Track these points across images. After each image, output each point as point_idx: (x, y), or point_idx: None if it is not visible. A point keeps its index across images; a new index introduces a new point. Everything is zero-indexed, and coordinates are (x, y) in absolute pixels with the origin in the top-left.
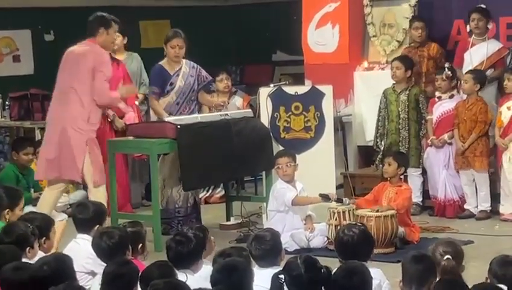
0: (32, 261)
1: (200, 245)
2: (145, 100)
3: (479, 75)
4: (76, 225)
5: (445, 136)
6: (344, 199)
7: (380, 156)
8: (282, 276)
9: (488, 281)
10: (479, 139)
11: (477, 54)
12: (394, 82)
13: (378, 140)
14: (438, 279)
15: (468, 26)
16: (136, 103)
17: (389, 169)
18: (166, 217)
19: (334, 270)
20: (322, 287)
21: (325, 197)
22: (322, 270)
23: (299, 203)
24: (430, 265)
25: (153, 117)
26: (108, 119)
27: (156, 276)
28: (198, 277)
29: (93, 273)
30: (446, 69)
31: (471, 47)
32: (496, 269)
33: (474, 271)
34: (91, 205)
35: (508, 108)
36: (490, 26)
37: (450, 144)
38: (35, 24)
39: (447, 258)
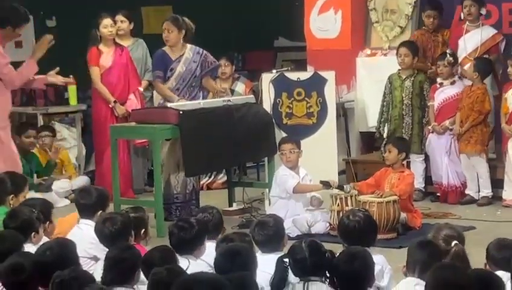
0: (36, 246)
1: (203, 231)
2: (150, 86)
3: (480, 64)
4: (79, 210)
5: (447, 123)
6: (345, 186)
7: (384, 141)
8: (286, 260)
9: (487, 267)
10: (474, 127)
11: (471, 40)
12: (400, 68)
13: (381, 125)
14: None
15: (461, 14)
16: (140, 89)
17: (390, 156)
18: (164, 203)
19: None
20: (326, 272)
21: (326, 184)
22: (327, 255)
23: (300, 190)
24: (434, 251)
25: (156, 103)
26: (110, 106)
27: (157, 260)
28: (201, 261)
29: (95, 259)
30: (448, 55)
31: (465, 34)
32: (493, 254)
33: (476, 257)
34: (94, 191)
35: None
36: (483, 12)
37: (452, 130)
38: (38, 10)
39: (456, 244)
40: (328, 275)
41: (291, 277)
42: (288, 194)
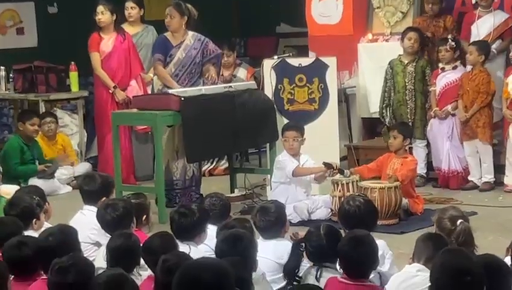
0: (38, 233)
1: (204, 217)
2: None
3: (483, 46)
4: (83, 197)
5: (449, 107)
6: (345, 171)
7: (385, 127)
8: (302, 245)
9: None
10: (481, 110)
11: (484, 25)
12: (402, 53)
13: (384, 111)
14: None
15: None
16: (151, 75)
17: (395, 142)
18: (165, 189)
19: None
20: None
21: (329, 166)
22: None
23: (300, 173)
24: (442, 244)
25: (156, 89)
26: (110, 91)
27: (158, 246)
28: (204, 245)
29: (98, 244)
30: (449, 40)
31: (477, 19)
32: None
33: (479, 242)
34: (98, 177)
35: None
36: None
37: (454, 115)
38: None
39: (461, 222)
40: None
41: (304, 262)
42: (289, 178)
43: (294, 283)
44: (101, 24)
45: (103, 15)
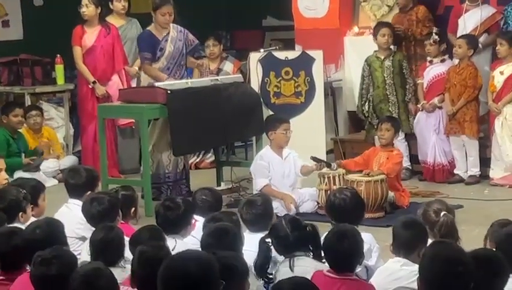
0: (24, 226)
1: (190, 210)
2: None
3: (472, 40)
4: (68, 190)
5: (435, 100)
6: (332, 164)
7: (367, 124)
8: (269, 240)
9: (488, 245)
10: (468, 104)
11: (471, 19)
12: (377, 49)
13: (363, 108)
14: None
15: None
16: (136, 68)
17: (387, 134)
18: (155, 182)
19: (325, 234)
20: (309, 246)
21: (317, 160)
22: (308, 228)
23: (267, 193)
24: (420, 231)
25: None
26: (89, 86)
27: (146, 239)
28: (192, 237)
29: (83, 239)
30: (434, 34)
31: (464, 13)
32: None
33: (464, 235)
34: (84, 171)
35: (501, 72)
36: None
37: (441, 108)
38: None
39: (444, 214)
40: (311, 248)
41: (276, 257)
42: (270, 176)
43: (265, 279)
44: (85, 17)
45: (87, 8)
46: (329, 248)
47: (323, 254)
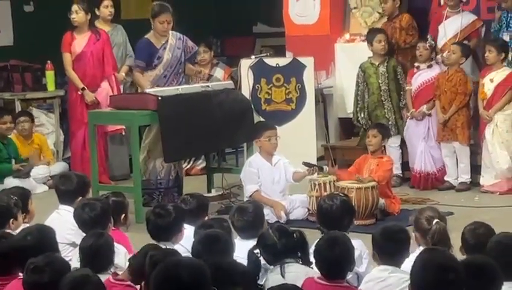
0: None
1: (180, 217)
2: (131, 72)
3: (466, 49)
4: (59, 196)
5: (424, 108)
6: (324, 167)
7: (362, 129)
8: (257, 251)
9: (463, 251)
10: (459, 110)
11: (452, 26)
12: (371, 56)
13: (358, 114)
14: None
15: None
16: (123, 74)
17: (374, 141)
18: (147, 189)
19: (316, 241)
20: (298, 252)
21: (309, 165)
22: (295, 235)
23: (256, 199)
24: (401, 241)
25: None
26: (78, 92)
27: None
28: (180, 246)
29: (74, 245)
30: (429, 39)
31: (445, 19)
32: (468, 240)
33: (454, 242)
34: (75, 177)
35: (491, 80)
36: None
37: (430, 115)
38: None
39: (437, 222)
40: (299, 255)
41: (266, 265)
42: (260, 182)
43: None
44: (75, 23)
45: (77, 14)
46: (321, 254)
47: (312, 260)
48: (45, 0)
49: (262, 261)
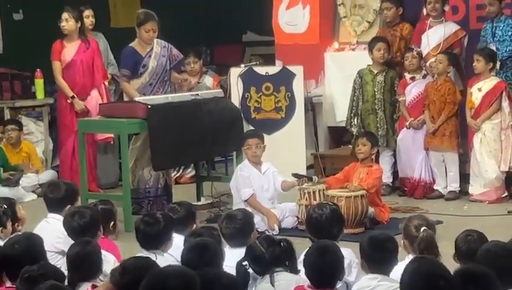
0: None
1: (169, 226)
2: (113, 80)
3: (453, 58)
4: (47, 205)
5: (423, 117)
6: (314, 178)
7: (355, 137)
8: (245, 263)
9: (455, 259)
10: (448, 119)
11: (434, 36)
12: (372, 63)
13: (352, 120)
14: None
15: (424, 10)
16: (106, 83)
17: (364, 149)
18: (136, 197)
19: (306, 249)
20: (286, 261)
21: (298, 176)
22: (282, 244)
23: (251, 205)
24: (389, 250)
25: (126, 99)
26: (68, 101)
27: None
28: (168, 255)
29: (63, 253)
30: (415, 48)
31: (428, 29)
32: (460, 246)
33: (444, 251)
34: (63, 185)
35: (479, 89)
36: (446, 8)
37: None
38: (4, 2)
39: (424, 229)
40: (287, 264)
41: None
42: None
43: None
44: (65, 31)
45: (67, 22)
46: (310, 263)
47: (299, 268)
48: (34, 9)
49: (251, 272)
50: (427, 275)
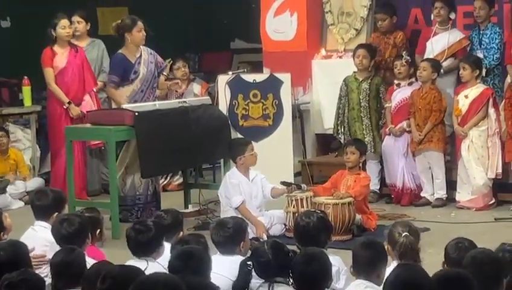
0: None
1: (161, 233)
2: (105, 87)
3: (436, 64)
4: (34, 212)
5: (404, 124)
6: (303, 186)
7: (342, 145)
8: (250, 263)
9: (445, 267)
10: (434, 127)
11: (439, 43)
12: (356, 70)
13: (338, 128)
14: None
15: (432, 15)
16: (94, 89)
17: (352, 158)
18: (126, 204)
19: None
20: (290, 272)
21: (287, 184)
22: (290, 255)
23: (241, 213)
24: (379, 252)
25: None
26: (64, 107)
27: None
28: (159, 263)
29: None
30: (404, 55)
31: (433, 36)
32: (449, 253)
33: (431, 258)
34: (50, 192)
35: (466, 96)
36: (453, 16)
37: (409, 132)
38: None
39: (405, 235)
40: (291, 274)
41: (252, 280)
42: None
43: None
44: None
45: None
46: (298, 271)
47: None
48: (22, 16)
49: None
50: (406, 283)
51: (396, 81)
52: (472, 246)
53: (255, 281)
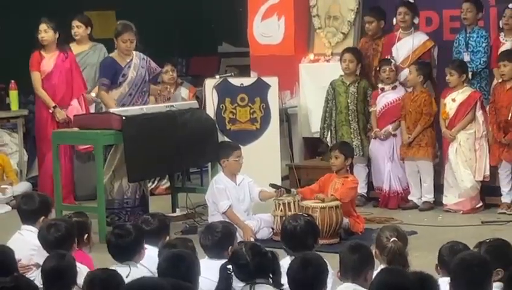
0: None
1: (140, 236)
2: None
3: (422, 67)
4: (21, 216)
5: (390, 128)
6: (292, 190)
7: (328, 148)
8: (230, 267)
9: (438, 269)
10: (424, 130)
11: (404, 48)
12: (343, 74)
13: (324, 131)
14: (381, 264)
15: (394, 20)
16: (94, 94)
17: (337, 162)
18: (114, 208)
19: (282, 259)
20: (270, 273)
21: (276, 187)
22: (268, 255)
23: (228, 217)
24: (366, 255)
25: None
26: (50, 111)
27: None
28: (141, 266)
29: (37, 266)
30: (392, 60)
31: (397, 41)
32: (443, 257)
33: (418, 261)
34: (37, 196)
35: (453, 100)
36: (416, 21)
37: (395, 135)
38: None
39: (393, 240)
40: (271, 275)
41: (234, 283)
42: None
43: None
44: (44, 42)
45: (46, 33)
46: (293, 274)
47: (283, 281)
48: (9, 20)
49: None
50: (389, 287)
51: (380, 86)
52: (466, 249)
53: (237, 284)
